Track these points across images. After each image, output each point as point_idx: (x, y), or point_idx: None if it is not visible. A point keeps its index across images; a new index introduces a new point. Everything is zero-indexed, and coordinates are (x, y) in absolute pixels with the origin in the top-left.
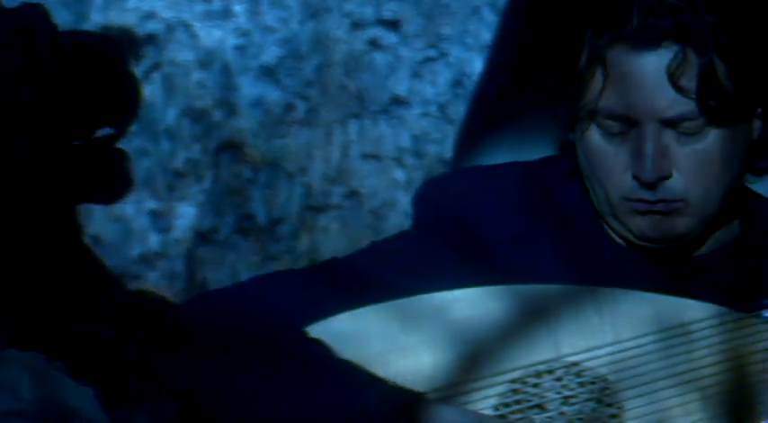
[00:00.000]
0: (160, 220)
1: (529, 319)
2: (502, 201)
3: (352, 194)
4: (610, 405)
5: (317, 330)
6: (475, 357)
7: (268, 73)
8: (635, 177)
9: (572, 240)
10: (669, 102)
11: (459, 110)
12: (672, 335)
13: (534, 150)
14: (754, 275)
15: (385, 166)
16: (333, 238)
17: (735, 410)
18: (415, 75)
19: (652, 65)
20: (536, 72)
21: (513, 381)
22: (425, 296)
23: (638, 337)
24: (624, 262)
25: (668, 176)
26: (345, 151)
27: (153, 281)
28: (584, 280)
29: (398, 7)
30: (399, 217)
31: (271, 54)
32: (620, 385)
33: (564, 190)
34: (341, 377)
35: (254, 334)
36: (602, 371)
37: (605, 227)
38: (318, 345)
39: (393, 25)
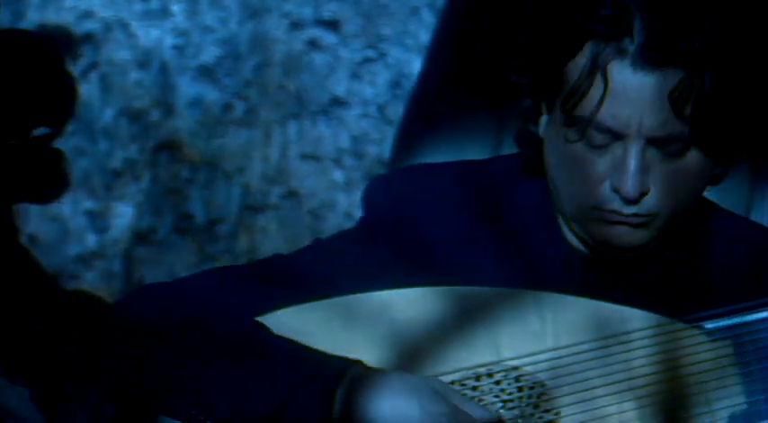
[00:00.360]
0: (97, 219)
1: (470, 322)
2: (448, 200)
3: (291, 195)
4: (547, 411)
5: None
6: (415, 358)
7: (206, 73)
8: (615, 190)
9: (523, 242)
10: (661, 122)
11: (398, 110)
12: (612, 343)
13: (473, 151)
14: (698, 285)
15: (324, 166)
16: (271, 239)
17: (670, 419)
18: (355, 75)
19: (650, 84)
20: (475, 72)
21: (452, 382)
22: (367, 295)
23: (578, 343)
24: (577, 266)
25: (646, 193)
26: (284, 151)
27: (90, 281)
28: (534, 283)
29: (337, 8)
30: (338, 218)
31: (209, 54)
32: (558, 391)
33: (519, 189)
34: (282, 359)
35: (194, 327)
36: (541, 376)
37: (562, 228)
38: (260, 330)
39: (332, 26)
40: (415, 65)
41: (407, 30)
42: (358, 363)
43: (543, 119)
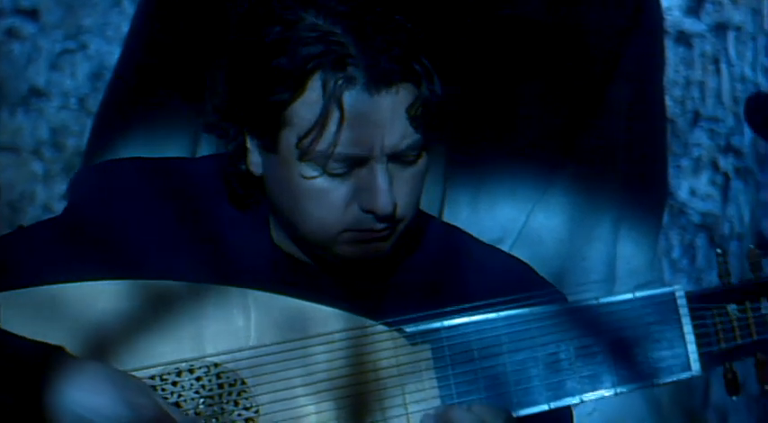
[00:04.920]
0: None
1: (174, 317)
2: (152, 196)
3: None
4: (247, 408)
5: None
6: (116, 351)
7: None
8: (366, 211)
9: (228, 240)
10: (400, 137)
11: (98, 103)
12: (314, 343)
13: (171, 147)
14: (398, 287)
15: (23, 158)
16: None
17: (367, 420)
18: (54, 66)
19: (386, 103)
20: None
21: (152, 377)
22: (69, 286)
23: (280, 342)
24: (282, 267)
25: (396, 205)
26: None
27: None
28: (239, 281)
29: None
30: (37, 210)
31: None
32: (259, 389)
33: (222, 192)
34: None
35: None
36: (243, 373)
37: (271, 229)
38: None
39: (31, 15)
40: (117, 57)
41: (109, 21)
42: (59, 349)
43: (256, 158)
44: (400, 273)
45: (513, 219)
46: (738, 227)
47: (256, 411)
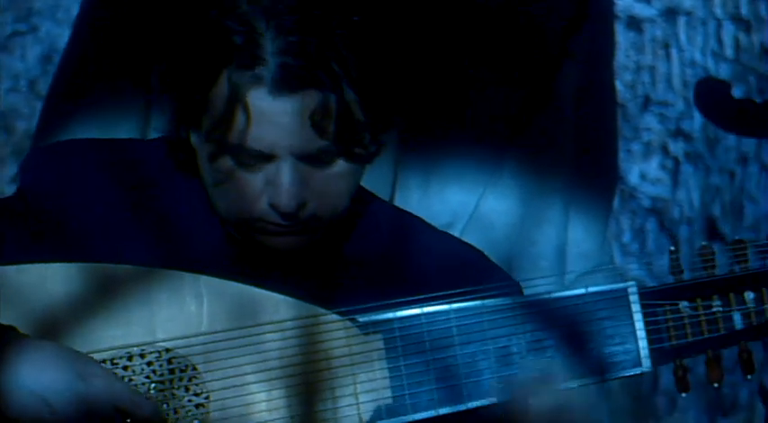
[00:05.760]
0: None
1: (125, 301)
2: (102, 179)
3: None
4: (198, 394)
5: None
6: (66, 334)
7: None
8: (272, 206)
9: (178, 224)
10: (306, 141)
11: (48, 85)
12: (265, 330)
13: (121, 129)
14: (351, 276)
15: None
16: None
17: (317, 408)
18: (4, 48)
19: (290, 108)
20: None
21: (103, 361)
22: (20, 267)
23: (232, 329)
24: (233, 252)
25: (304, 204)
26: None
27: None
28: (187, 266)
29: None
30: None
31: None
32: (210, 375)
33: (173, 174)
34: None
35: None
36: (194, 359)
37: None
38: None
39: None
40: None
41: (59, 3)
42: (11, 328)
43: (191, 130)
44: (351, 258)
45: (464, 203)
46: (688, 211)
47: (207, 397)
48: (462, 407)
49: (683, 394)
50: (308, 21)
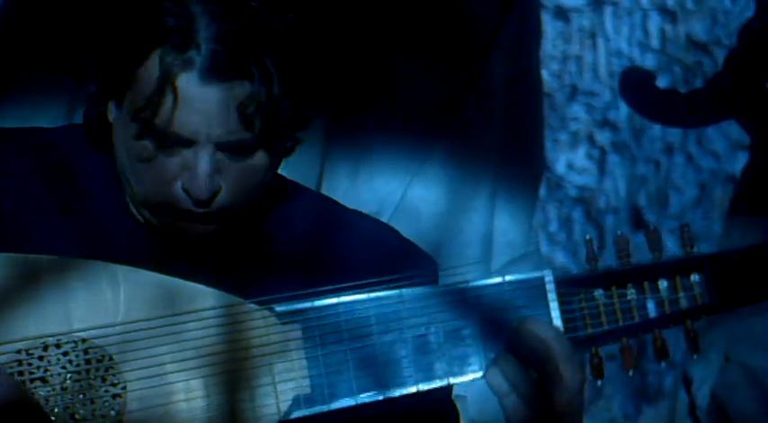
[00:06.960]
0: None
1: (40, 291)
2: (15, 167)
3: None
4: (114, 384)
5: None
6: None
7: None
8: (186, 191)
9: (90, 213)
10: (229, 130)
11: None
12: (183, 320)
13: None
14: (270, 265)
15: None
16: None
17: (235, 397)
18: None
19: (218, 96)
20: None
21: (18, 351)
22: None
23: (149, 318)
24: (146, 240)
25: (218, 192)
26: None
27: None
28: (103, 254)
29: None
30: None
31: None
32: (127, 365)
33: (87, 160)
34: None
35: None
36: (111, 349)
37: (131, 207)
38: None
39: None
40: None
41: None
42: None
43: (112, 106)
44: (273, 247)
45: (392, 191)
46: (614, 201)
47: (124, 387)
48: (380, 396)
49: (599, 382)
50: (243, 11)
